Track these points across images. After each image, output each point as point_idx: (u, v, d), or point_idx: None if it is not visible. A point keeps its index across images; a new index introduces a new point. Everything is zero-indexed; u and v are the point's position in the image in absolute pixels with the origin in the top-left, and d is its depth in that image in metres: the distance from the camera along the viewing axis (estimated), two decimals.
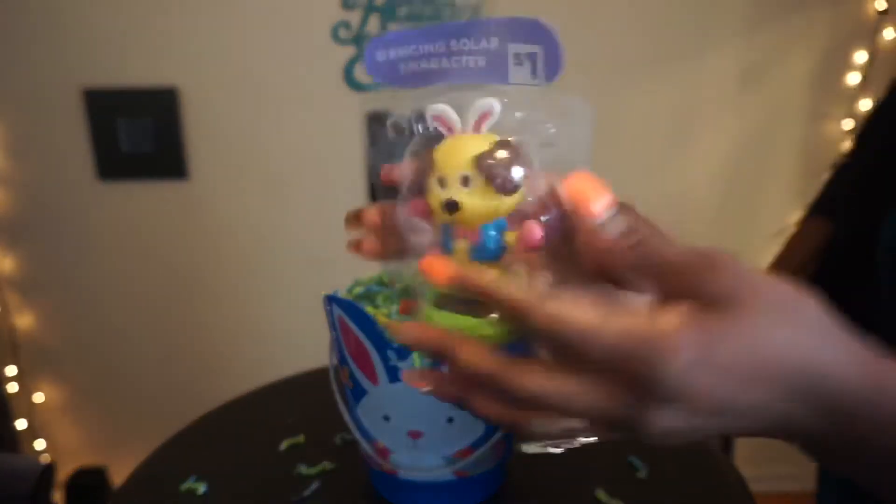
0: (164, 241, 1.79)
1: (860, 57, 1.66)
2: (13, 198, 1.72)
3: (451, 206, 0.31)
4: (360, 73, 1.67)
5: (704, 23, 1.65)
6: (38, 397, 1.86)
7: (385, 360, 0.55)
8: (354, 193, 1.76)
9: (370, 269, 0.70)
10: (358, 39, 1.65)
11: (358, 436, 0.61)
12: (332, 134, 1.72)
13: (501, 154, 0.32)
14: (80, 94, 1.65)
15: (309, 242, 1.80)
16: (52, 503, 1.47)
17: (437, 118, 0.33)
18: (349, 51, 1.65)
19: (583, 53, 1.67)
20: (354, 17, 1.63)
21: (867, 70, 1.66)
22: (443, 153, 0.33)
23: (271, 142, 1.73)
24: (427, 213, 0.33)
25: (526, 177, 0.32)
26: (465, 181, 0.32)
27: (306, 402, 0.81)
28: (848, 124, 1.70)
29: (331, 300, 0.57)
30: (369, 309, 0.57)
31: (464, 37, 0.36)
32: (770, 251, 1.07)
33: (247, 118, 1.70)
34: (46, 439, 1.88)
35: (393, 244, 0.37)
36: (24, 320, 1.81)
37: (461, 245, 0.32)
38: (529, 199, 0.33)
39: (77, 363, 1.87)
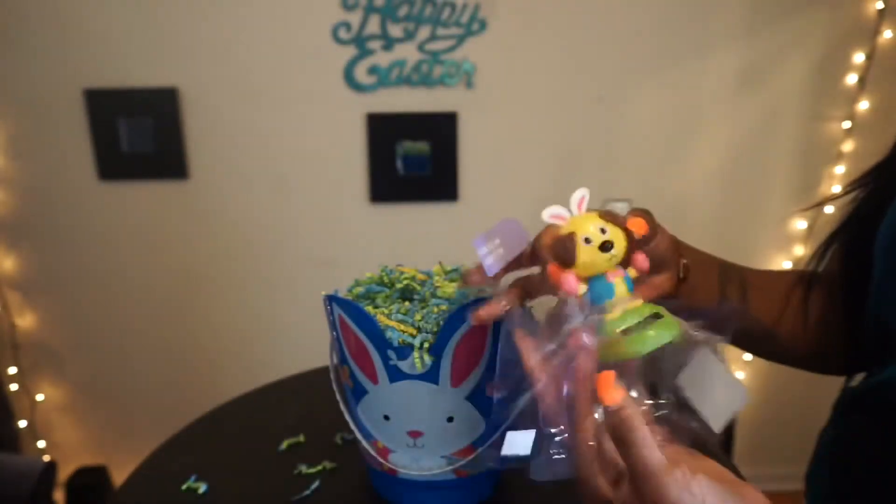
0: (165, 241, 1.79)
1: (859, 58, 1.66)
2: (14, 198, 1.72)
3: (608, 246, 0.41)
4: (360, 74, 1.68)
5: (704, 24, 1.65)
6: (39, 397, 1.86)
7: (385, 359, 0.55)
8: (354, 193, 1.76)
9: (370, 269, 0.70)
10: (358, 40, 1.65)
11: (358, 435, 0.61)
12: (333, 134, 1.72)
13: (612, 214, 0.44)
14: (80, 95, 1.65)
15: (309, 242, 1.80)
16: (52, 503, 1.47)
17: (553, 216, 0.44)
18: (349, 51, 1.65)
19: (583, 54, 1.68)
20: (354, 18, 1.63)
21: (866, 71, 1.66)
22: (577, 225, 0.43)
23: (271, 142, 1.73)
24: (577, 282, 0.42)
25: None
26: (603, 231, 0.42)
27: (306, 402, 0.81)
28: (847, 125, 1.71)
29: (331, 300, 0.57)
30: (369, 309, 0.58)
31: None
32: (770, 252, 1.06)
33: (247, 118, 1.70)
34: (47, 439, 1.88)
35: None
36: (24, 320, 1.81)
37: (619, 281, 0.43)
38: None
39: (77, 363, 1.87)
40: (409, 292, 0.63)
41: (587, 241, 0.42)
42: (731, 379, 0.39)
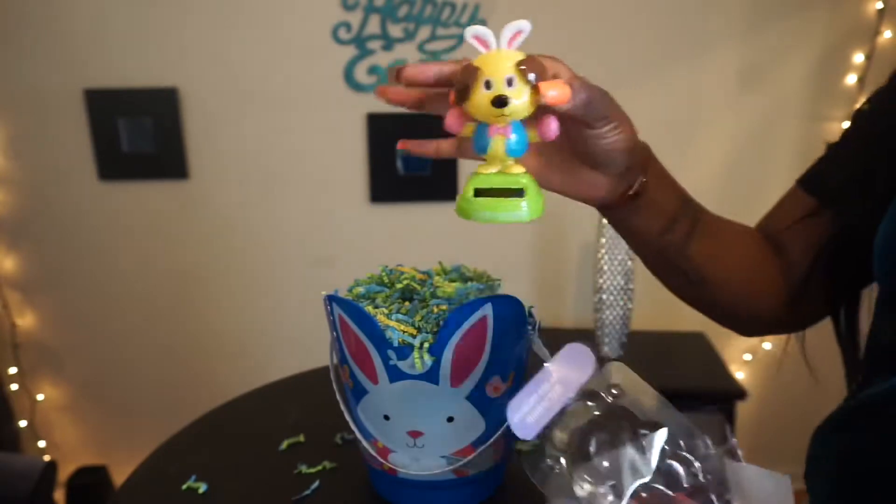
0: (165, 241, 1.79)
1: (859, 58, 1.66)
2: (14, 198, 1.72)
3: (501, 101, 0.38)
4: (360, 74, 1.68)
5: (704, 24, 1.65)
6: (39, 397, 1.86)
7: (385, 359, 0.55)
8: (354, 193, 1.76)
9: (370, 269, 0.70)
10: (358, 40, 1.65)
11: (358, 435, 0.61)
12: (333, 134, 1.72)
13: (534, 62, 0.39)
14: (80, 95, 1.65)
15: (309, 242, 1.80)
16: (52, 503, 1.47)
17: (476, 37, 0.39)
18: (349, 51, 1.65)
19: (583, 54, 1.68)
20: (354, 18, 1.63)
21: (865, 71, 1.66)
22: (487, 62, 0.39)
23: (271, 142, 1.73)
24: (465, 118, 0.41)
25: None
26: (510, 82, 0.38)
27: (306, 402, 0.81)
28: (847, 125, 1.71)
29: (331, 300, 0.57)
30: (369, 309, 0.58)
31: None
32: None
33: (247, 118, 1.71)
34: (47, 439, 1.88)
35: (415, 96, 0.50)
36: (24, 320, 1.81)
37: (498, 140, 0.40)
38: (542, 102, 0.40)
39: (77, 363, 1.87)
40: (409, 292, 0.63)
41: (487, 84, 0.38)
42: (771, 475, 0.37)
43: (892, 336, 0.52)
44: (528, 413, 0.41)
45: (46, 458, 1.76)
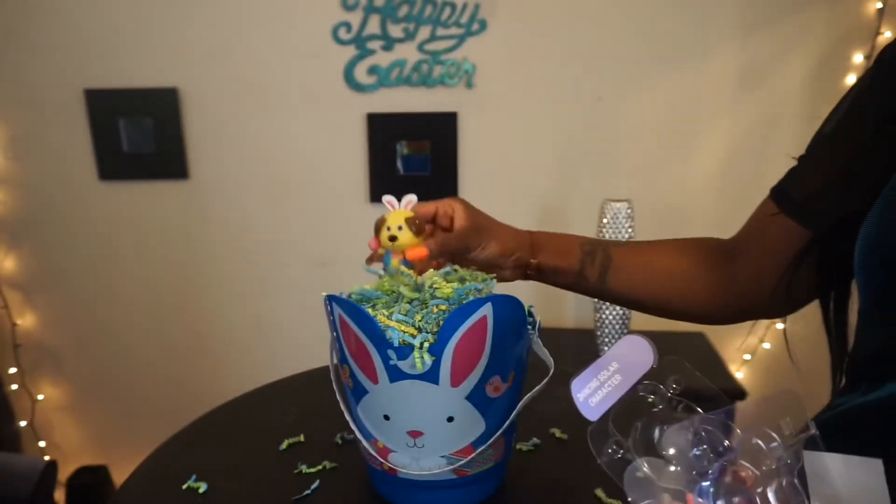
0: (165, 241, 1.79)
1: (858, 58, 1.66)
2: (15, 198, 1.73)
3: (392, 238, 0.65)
4: (360, 74, 1.68)
5: (703, 24, 1.65)
6: (39, 397, 1.86)
7: (385, 359, 0.55)
8: (354, 193, 1.76)
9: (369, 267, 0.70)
10: (358, 40, 1.65)
11: (358, 435, 0.62)
12: (333, 134, 1.73)
13: (416, 219, 0.66)
14: (81, 95, 1.65)
15: (309, 242, 1.80)
16: (53, 502, 1.47)
17: (388, 202, 0.68)
18: (349, 51, 1.66)
19: (583, 54, 1.68)
20: (355, 18, 1.63)
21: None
22: (391, 217, 0.66)
23: (271, 142, 1.73)
24: (378, 244, 0.67)
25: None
26: (399, 228, 0.65)
27: (306, 402, 0.81)
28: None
29: (331, 300, 0.57)
30: (369, 309, 0.58)
31: None
32: None
33: (247, 118, 1.71)
34: (47, 439, 1.88)
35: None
36: (24, 320, 1.81)
37: (395, 259, 0.66)
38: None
39: (77, 363, 1.87)
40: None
41: (388, 228, 0.65)
42: (861, 462, 0.36)
43: (876, 343, 0.52)
44: (590, 395, 0.43)
45: (46, 458, 1.76)
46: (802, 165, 0.65)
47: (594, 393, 0.43)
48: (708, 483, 0.37)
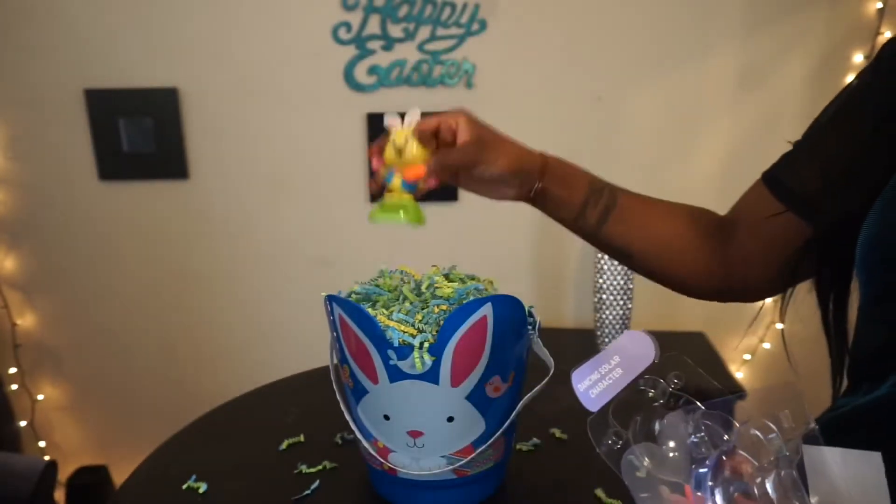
0: (165, 241, 1.79)
1: (858, 58, 1.66)
2: (15, 198, 1.73)
3: (399, 150, 0.63)
4: (360, 74, 1.68)
5: (704, 24, 1.65)
6: (39, 397, 1.86)
7: (385, 359, 0.55)
8: (354, 193, 1.76)
9: (370, 269, 0.70)
10: (358, 40, 1.65)
11: (358, 435, 0.62)
12: (332, 134, 1.73)
13: (421, 132, 0.64)
14: (80, 95, 1.65)
15: (309, 242, 1.80)
16: (53, 502, 1.47)
17: (391, 121, 0.65)
18: (349, 51, 1.65)
19: (583, 54, 1.68)
20: (355, 18, 1.63)
21: None
22: (396, 133, 0.64)
23: (271, 142, 1.73)
24: (381, 163, 0.65)
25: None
26: (406, 142, 0.63)
27: (306, 402, 0.81)
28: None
29: (331, 300, 0.58)
30: (369, 309, 0.58)
31: None
32: None
33: (247, 118, 1.71)
34: (47, 439, 1.88)
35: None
36: (24, 320, 1.81)
37: (397, 177, 0.64)
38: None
39: (77, 363, 1.87)
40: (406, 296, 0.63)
41: (394, 143, 0.63)
42: (861, 455, 0.36)
43: (876, 342, 0.52)
44: (591, 387, 0.44)
45: (46, 458, 1.76)
46: (798, 153, 0.65)
47: (595, 384, 0.44)
48: (705, 471, 0.37)
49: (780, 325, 0.72)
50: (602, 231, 0.70)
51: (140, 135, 1.68)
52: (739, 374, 1.90)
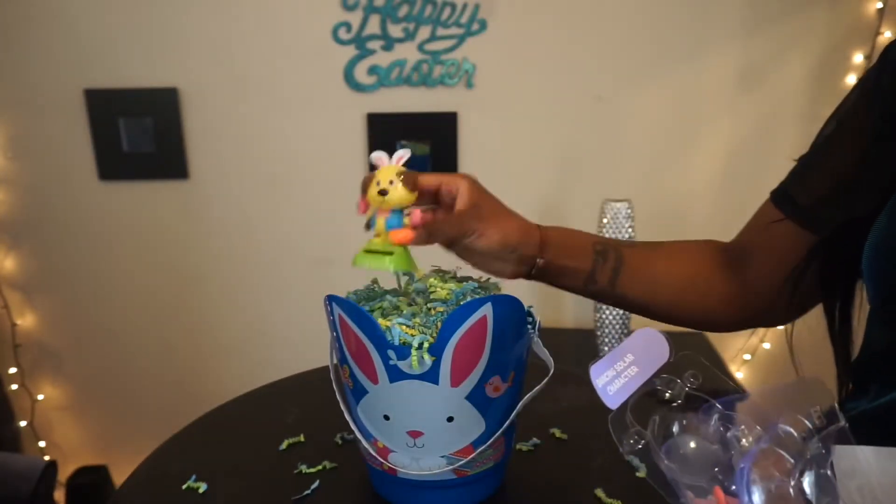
0: (165, 241, 1.79)
1: (858, 58, 1.66)
2: (14, 198, 1.73)
3: (383, 192, 0.58)
4: (360, 74, 1.68)
5: (703, 24, 1.65)
6: (39, 397, 1.86)
7: (385, 359, 0.55)
8: (354, 193, 1.76)
9: (369, 269, 0.70)
10: (358, 40, 1.65)
11: (358, 435, 0.61)
12: (332, 134, 1.72)
13: (410, 173, 0.58)
14: (81, 95, 1.65)
15: (309, 242, 1.80)
16: (53, 502, 1.47)
17: (377, 158, 0.60)
18: (349, 51, 1.65)
19: (583, 54, 1.68)
20: (354, 18, 1.63)
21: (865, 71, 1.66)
22: (381, 171, 0.59)
23: (271, 142, 1.73)
24: (367, 205, 0.60)
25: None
26: (391, 183, 0.58)
27: (306, 402, 0.81)
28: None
29: (331, 300, 0.58)
30: (369, 309, 0.58)
31: None
32: None
33: (247, 118, 1.71)
34: (47, 439, 1.88)
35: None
36: (24, 320, 1.81)
37: (381, 219, 0.59)
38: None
39: (77, 363, 1.87)
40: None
41: (378, 183, 0.58)
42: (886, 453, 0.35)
43: (885, 345, 0.52)
44: (608, 383, 0.43)
45: (46, 458, 1.76)
46: (805, 168, 0.64)
47: (612, 381, 0.43)
48: (743, 468, 0.36)
49: (780, 326, 0.72)
50: (615, 291, 0.67)
51: (140, 135, 1.68)
52: (739, 374, 1.90)
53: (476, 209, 0.61)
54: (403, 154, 0.59)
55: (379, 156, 0.60)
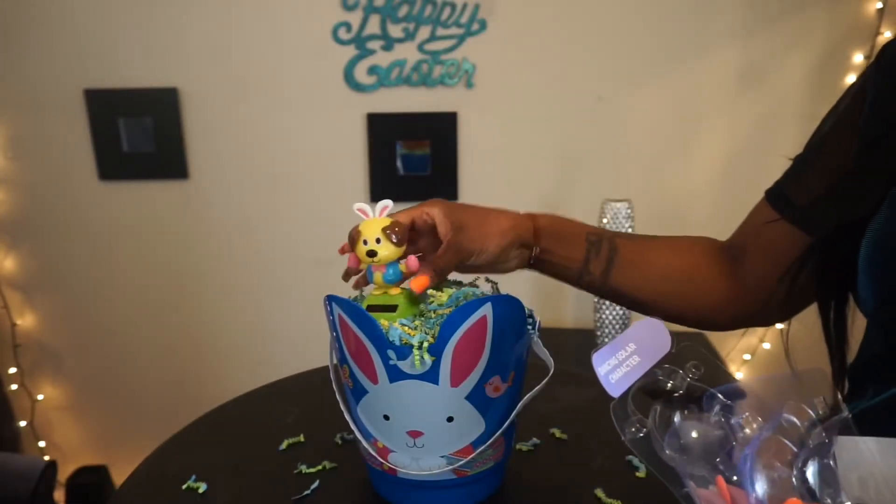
0: (165, 241, 1.79)
1: (858, 58, 1.66)
2: (14, 198, 1.73)
3: (371, 253, 0.57)
4: (360, 74, 1.68)
5: (704, 24, 1.65)
6: (39, 397, 1.86)
7: (385, 359, 0.55)
8: (354, 193, 1.76)
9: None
10: (358, 40, 1.65)
11: (358, 435, 0.61)
12: (332, 134, 1.73)
13: (394, 227, 0.58)
14: (80, 95, 1.65)
15: (309, 242, 1.80)
16: (52, 502, 1.47)
17: (360, 210, 0.60)
18: (349, 51, 1.66)
19: (583, 54, 1.68)
20: (354, 18, 1.63)
21: None
22: (365, 227, 0.58)
23: (271, 142, 1.73)
24: (358, 261, 0.60)
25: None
26: (378, 241, 0.57)
27: (306, 402, 0.81)
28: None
29: (331, 300, 0.57)
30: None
31: None
32: None
33: (247, 118, 1.71)
34: (47, 439, 1.88)
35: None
36: (24, 320, 1.81)
37: (377, 274, 0.59)
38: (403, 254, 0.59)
39: (77, 363, 1.87)
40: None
41: (365, 242, 0.57)
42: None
43: (883, 344, 0.52)
44: (610, 371, 0.43)
45: (46, 458, 1.76)
46: (800, 168, 0.64)
47: (614, 369, 0.43)
48: (746, 456, 0.36)
49: (780, 325, 0.72)
50: (609, 283, 0.68)
51: (140, 135, 1.68)
52: (739, 374, 1.90)
53: (462, 231, 0.61)
54: (385, 205, 0.59)
55: (361, 208, 0.60)
